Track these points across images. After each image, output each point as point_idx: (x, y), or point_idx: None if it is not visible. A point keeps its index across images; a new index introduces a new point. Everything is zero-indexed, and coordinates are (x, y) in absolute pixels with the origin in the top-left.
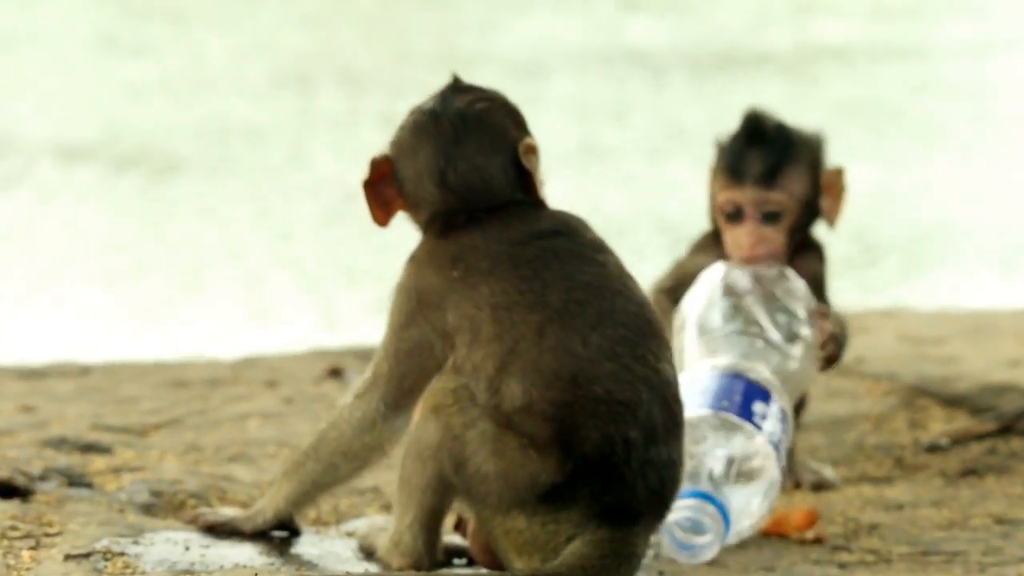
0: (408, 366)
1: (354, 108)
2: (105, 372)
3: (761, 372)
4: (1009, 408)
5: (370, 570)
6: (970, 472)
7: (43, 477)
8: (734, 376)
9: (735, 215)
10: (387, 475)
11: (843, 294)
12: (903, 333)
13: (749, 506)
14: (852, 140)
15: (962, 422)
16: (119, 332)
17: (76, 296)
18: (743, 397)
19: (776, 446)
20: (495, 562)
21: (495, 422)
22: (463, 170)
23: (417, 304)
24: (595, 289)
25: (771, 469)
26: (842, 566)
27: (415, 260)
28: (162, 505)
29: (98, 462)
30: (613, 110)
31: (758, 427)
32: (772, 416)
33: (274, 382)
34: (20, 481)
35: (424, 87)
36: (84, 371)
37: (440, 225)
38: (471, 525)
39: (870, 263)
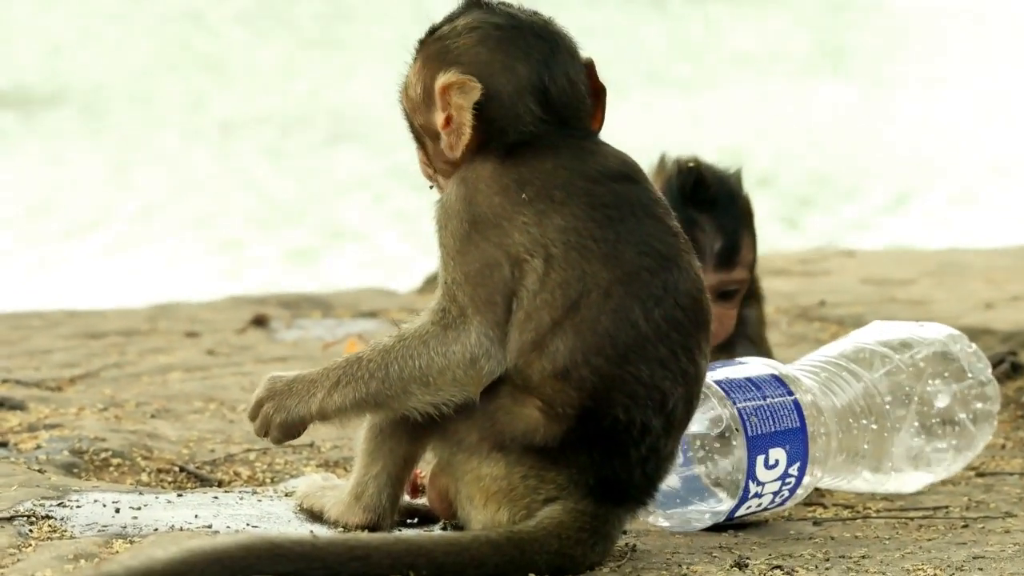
0: (488, 288)
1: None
2: (11, 322)
3: (826, 424)
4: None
5: (316, 531)
6: None
7: None
8: (800, 420)
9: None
10: (323, 432)
11: (802, 233)
12: (866, 275)
13: (696, 512)
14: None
15: None
16: (24, 279)
17: None
18: (771, 434)
19: (752, 490)
20: (449, 510)
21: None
22: (561, 85)
23: (472, 225)
24: (665, 260)
25: (728, 497)
26: (817, 523)
27: (466, 182)
28: (84, 464)
29: (11, 419)
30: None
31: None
32: (779, 469)
33: (194, 332)
34: None
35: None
36: None
37: (502, 149)
38: (430, 469)
39: (829, 200)
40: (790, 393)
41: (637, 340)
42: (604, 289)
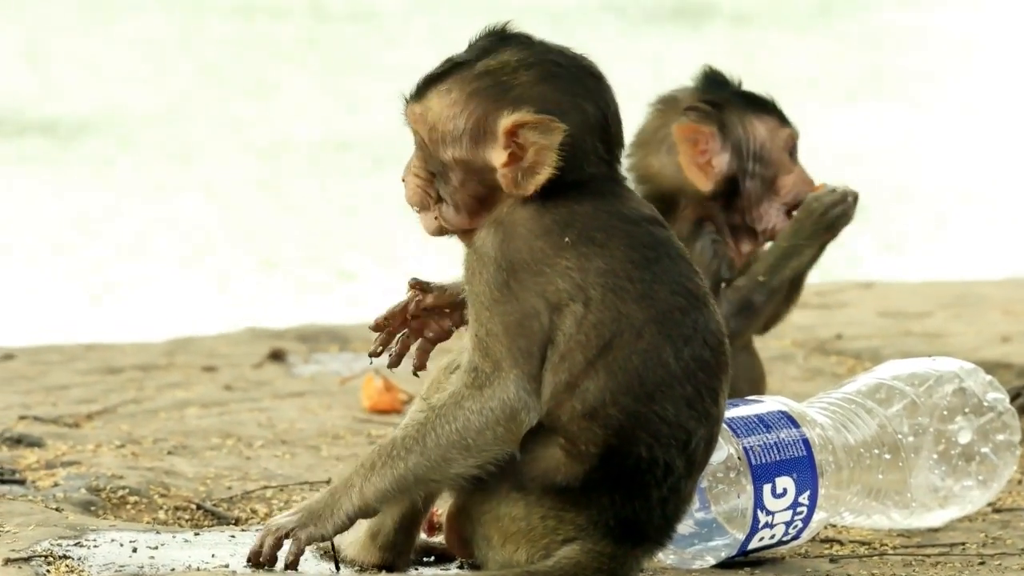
0: (527, 340)
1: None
2: (29, 357)
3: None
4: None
5: (331, 570)
6: None
7: None
8: (809, 453)
9: (794, 152)
10: (340, 468)
11: (818, 266)
12: (883, 307)
13: (709, 547)
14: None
15: None
16: (46, 314)
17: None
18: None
19: (762, 520)
20: (466, 550)
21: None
22: (617, 124)
23: (510, 273)
24: (696, 299)
25: (737, 530)
26: (833, 560)
27: (503, 226)
28: (101, 502)
29: (29, 456)
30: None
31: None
32: (788, 497)
33: (211, 367)
34: None
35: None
36: (7, 357)
37: (546, 191)
38: (448, 507)
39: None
40: (797, 427)
41: (666, 379)
42: (637, 329)
